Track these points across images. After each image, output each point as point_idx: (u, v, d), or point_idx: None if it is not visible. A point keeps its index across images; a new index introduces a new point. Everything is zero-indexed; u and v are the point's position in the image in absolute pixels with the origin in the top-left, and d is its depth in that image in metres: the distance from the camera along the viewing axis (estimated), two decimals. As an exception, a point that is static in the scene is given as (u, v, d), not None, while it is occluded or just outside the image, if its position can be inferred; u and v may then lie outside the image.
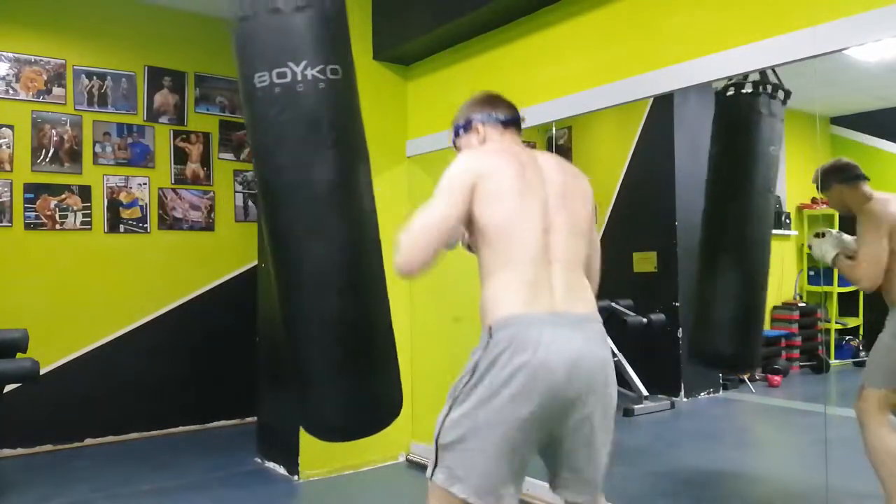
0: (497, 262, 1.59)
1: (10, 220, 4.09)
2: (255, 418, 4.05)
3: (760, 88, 2.99)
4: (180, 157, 4.69)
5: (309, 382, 2.10)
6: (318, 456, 3.52)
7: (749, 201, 3.08)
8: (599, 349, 1.59)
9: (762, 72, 2.93)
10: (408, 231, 1.58)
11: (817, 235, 2.81)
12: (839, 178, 2.73)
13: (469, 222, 1.64)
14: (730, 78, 2.98)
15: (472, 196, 1.60)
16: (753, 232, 3.12)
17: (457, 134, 1.93)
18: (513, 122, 1.87)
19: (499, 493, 1.51)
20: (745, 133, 3.07)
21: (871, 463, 2.53)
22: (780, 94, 3.00)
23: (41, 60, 4.22)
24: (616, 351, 5.07)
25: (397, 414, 2.26)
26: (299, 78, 1.98)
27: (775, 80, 3.00)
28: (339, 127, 2.08)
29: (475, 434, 1.50)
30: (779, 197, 6.15)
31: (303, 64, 1.99)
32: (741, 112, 3.08)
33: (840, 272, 2.74)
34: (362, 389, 2.13)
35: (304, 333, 2.07)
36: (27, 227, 4.13)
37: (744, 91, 3.01)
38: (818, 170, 2.83)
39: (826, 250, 2.73)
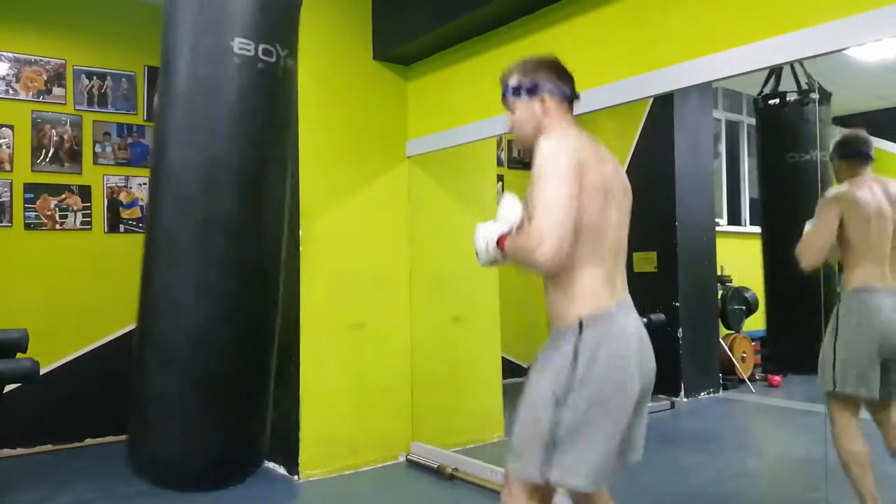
0: (585, 256, 1.60)
1: (10, 220, 4.09)
2: (255, 418, 4.04)
3: (801, 96, 2.97)
4: (180, 157, 4.68)
5: (169, 411, 1.72)
6: (318, 456, 3.52)
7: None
8: (644, 328, 1.73)
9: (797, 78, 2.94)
10: (543, 218, 1.52)
11: None
12: (838, 151, 2.69)
13: None
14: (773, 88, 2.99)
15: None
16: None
17: (516, 93, 1.79)
18: (574, 99, 1.82)
19: (608, 479, 1.62)
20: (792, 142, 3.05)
21: (841, 466, 2.52)
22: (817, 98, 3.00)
23: (41, 60, 4.22)
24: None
25: (258, 465, 1.94)
26: (282, 64, 1.84)
27: (809, 85, 3.00)
28: (291, 123, 1.99)
29: (590, 429, 1.56)
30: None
31: (286, 52, 1.85)
32: (788, 122, 3.06)
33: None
34: (233, 428, 1.79)
35: (169, 353, 1.72)
36: (27, 227, 4.13)
37: (787, 100, 3.01)
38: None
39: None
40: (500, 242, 1.70)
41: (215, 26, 1.78)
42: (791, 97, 3.00)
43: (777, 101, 3.01)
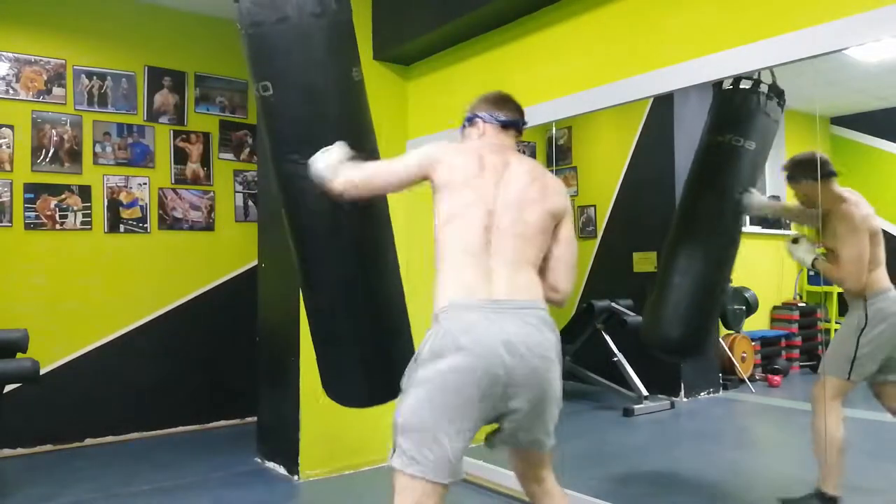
0: (445, 252, 1.79)
1: (10, 220, 4.09)
2: (255, 418, 4.05)
3: (747, 85, 2.96)
4: (180, 157, 4.69)
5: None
6: (318, 456, 3.52)
7: (715, 196, 3.04)
8: (537, 335, 1.72)
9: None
10: (362, 168, 1.94)
11: (794, 241, 2.94)
12: (814, 173, 2.75)
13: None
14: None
15: (425, 179, 1.88)
16: (719, 226, 3.08)
17: (464, 126, 2.09)
18: (512, 124, 2.02)
19: (453, 468, 1.64)
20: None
21: (813, 444, 2.72)
22: (768, 92, 2.99)
23: (41, 60, 4.22)
24: (616, 351, 5.07)
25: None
26: (357, 79, 2.24)
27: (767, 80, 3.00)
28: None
29: (423, 414, 1.64)
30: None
31: (355, 69, 2.26)
32: (730, 108, 3.07)
33: (822, 273, 2.85)
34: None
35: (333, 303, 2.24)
36: (27, 227, 4.13)
37: (732, 87, 3.00)
38: (790, 160, 2.91)
39: (805, 255, 2.88)
40: None
41: (339, 57, 2.21)
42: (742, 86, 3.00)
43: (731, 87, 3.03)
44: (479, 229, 1.77)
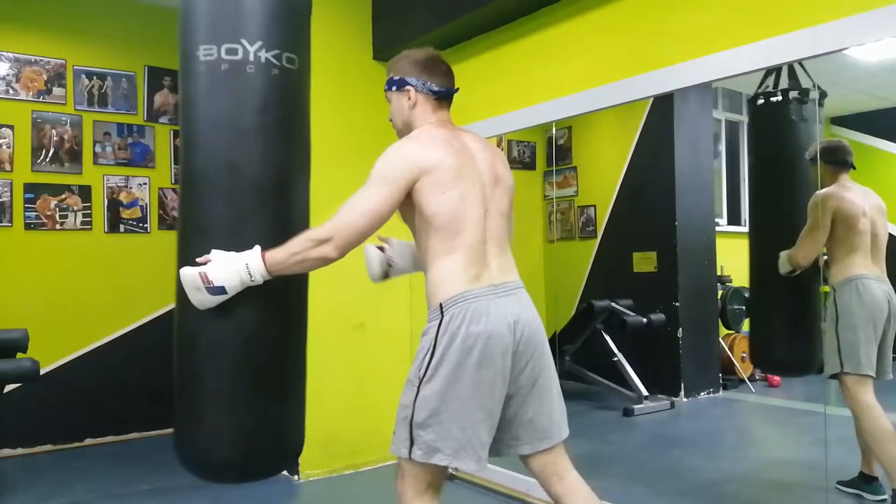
0: (444, 247, 1.72)
1: (10, 220, 4.09)
2: (255, 418, 4.04)
3: (797, 94, 3.04)
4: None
5: (203, 408, 1.80)
6: (318, 456, 3.52)
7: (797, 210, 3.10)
8: (531, 311, 1.78)
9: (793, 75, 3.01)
10: (341, 218, 1.66)
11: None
12: (826, 157, 2.93)
13: (408, 207, 1.75)
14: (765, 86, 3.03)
15: (412, 188, 1.70)
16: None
17: (389, 87, 1.93)
18: (447, 95, 1.89)
19: (477, 454, 1.66)
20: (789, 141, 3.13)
21: (869, 446, 2.67)
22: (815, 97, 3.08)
23: (41, 60, 4.22)
24: (616, 351, 5.07)
25: (299, 452, 1.97)
26: (251, 59, 1.78)
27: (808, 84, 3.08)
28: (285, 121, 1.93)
29: (448, 405, 1.63)
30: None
31: (257, 45, 1.80)
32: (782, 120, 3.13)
33: (783, 264, 2.98)
34: (268, 418, 1.79)
35: (205, 351, 1.76)
36: (27, 227, 4.13)
37: (780, 99, 3.07)
38: (822, 144, 2.99)
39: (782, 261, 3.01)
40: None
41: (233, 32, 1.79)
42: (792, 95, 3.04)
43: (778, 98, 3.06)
44: (480, 216, 1.75)
